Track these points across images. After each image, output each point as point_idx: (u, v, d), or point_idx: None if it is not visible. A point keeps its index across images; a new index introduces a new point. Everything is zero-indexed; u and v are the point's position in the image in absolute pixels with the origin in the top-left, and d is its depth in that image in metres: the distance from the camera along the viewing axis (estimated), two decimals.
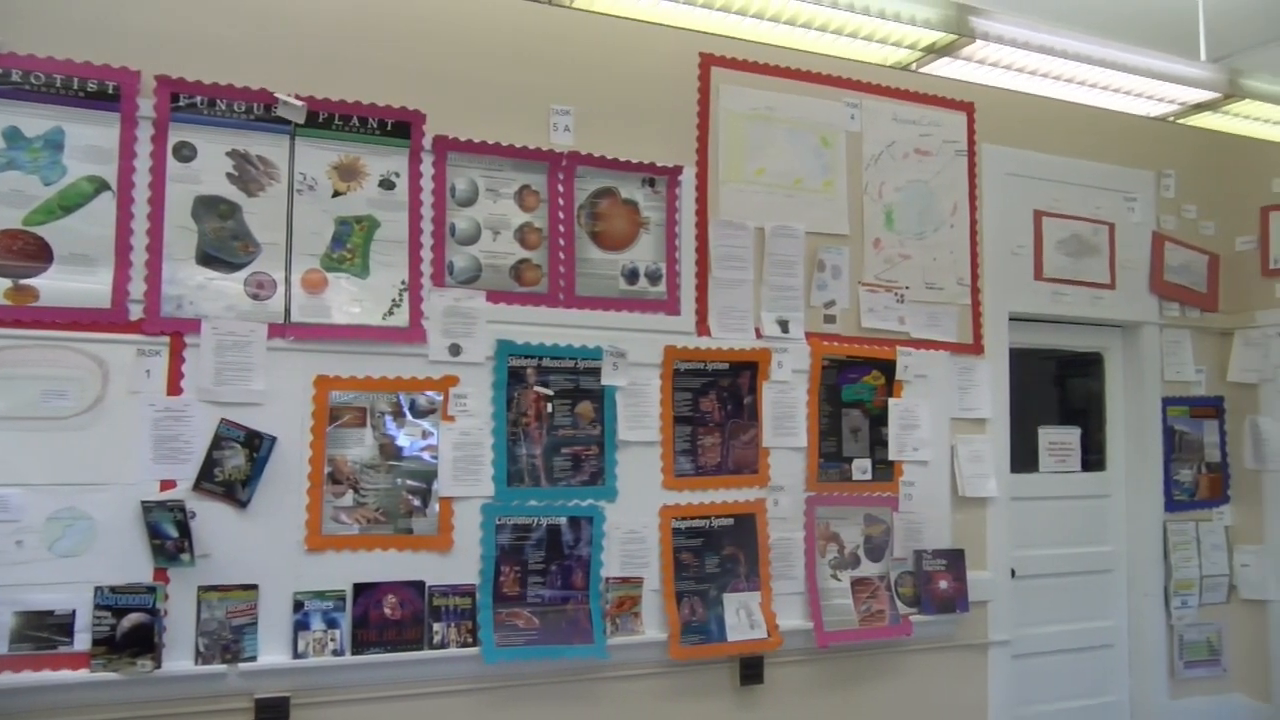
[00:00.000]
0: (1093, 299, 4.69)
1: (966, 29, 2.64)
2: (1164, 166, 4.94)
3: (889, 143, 4.23)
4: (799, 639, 3.87)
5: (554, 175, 3.61)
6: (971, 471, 4.25)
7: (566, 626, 3.47)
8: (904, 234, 4.24)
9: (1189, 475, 4.91)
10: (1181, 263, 4.93)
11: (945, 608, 4.10)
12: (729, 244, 3.87)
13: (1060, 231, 4.62)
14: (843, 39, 2.65)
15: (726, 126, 3.92)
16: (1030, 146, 4.57)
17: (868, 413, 4.08)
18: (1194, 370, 4.94)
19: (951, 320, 4.30)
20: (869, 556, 4.05)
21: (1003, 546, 4.37)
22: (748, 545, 3.82)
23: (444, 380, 3.40)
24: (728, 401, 3.83)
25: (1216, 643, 4.91)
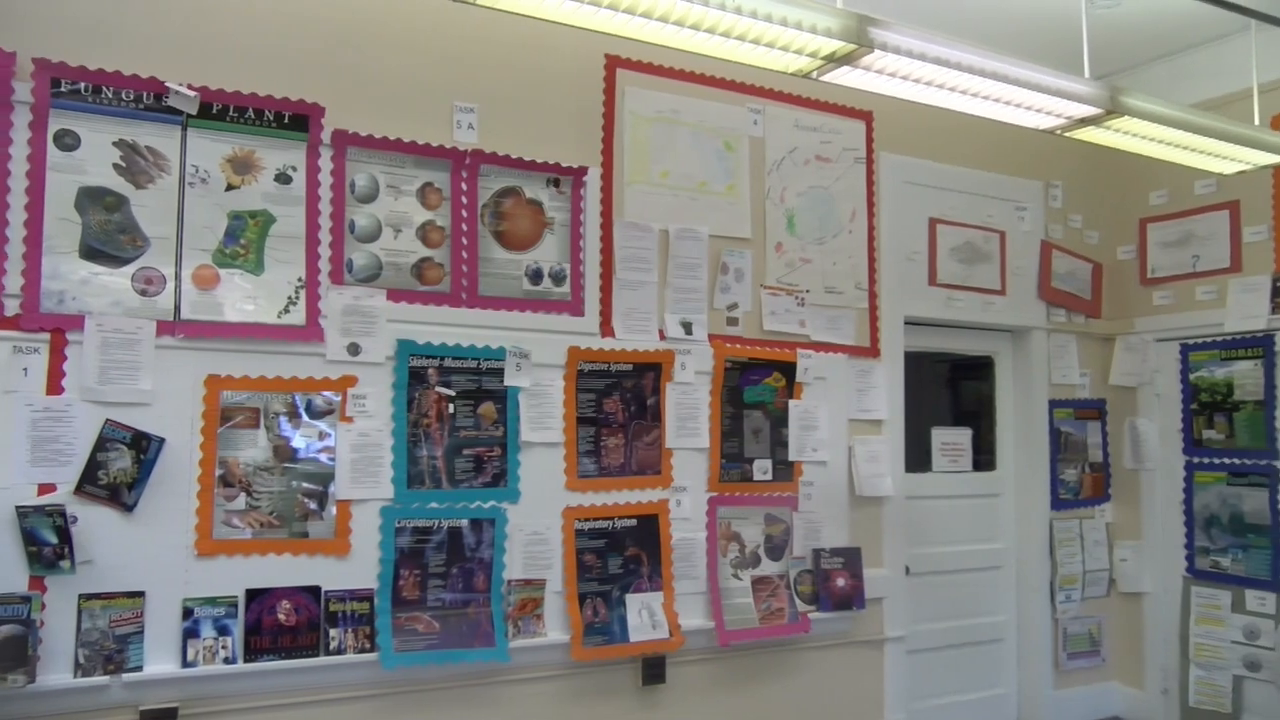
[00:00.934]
0: (984, 304, 4.85)
1: (866, 39, 2.69)
2: (1052, 178, 5.13)
3: (791, 149, 4.30)
4: (701, 638, 3.90)
5: (457, 173, 3.57)
6: (868, 471, 4.35)
7: (467, 630, 3.44)
8: (805, 239, 4.31)
9: (1074, 475, 5.11)
10: (1068, 270, 5.13)
11: (843, 605, 4.19)
12: (633, 245, 3.88)
13: (954, 239, 4.77)
14: (745, 45, 2.67)
15: (632, 128, 3.93)
16: (926, 156, 4.70)
17: (769, 414, 4.14)
18: (1079, 374, 5.15)
19: (850, 324, 4.39)
20: (769, 556, 4.11)
21: (898, 544, 4.49)
22: (650, 546, 3.84)
23: (342, 380, 3.33)
24: (631, 403, 3.84)
25: (1097, 634, 5.13)
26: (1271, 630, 4.51)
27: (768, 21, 2.55)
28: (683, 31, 2.59)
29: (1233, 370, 4.74)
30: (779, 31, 2.60)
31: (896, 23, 2.77)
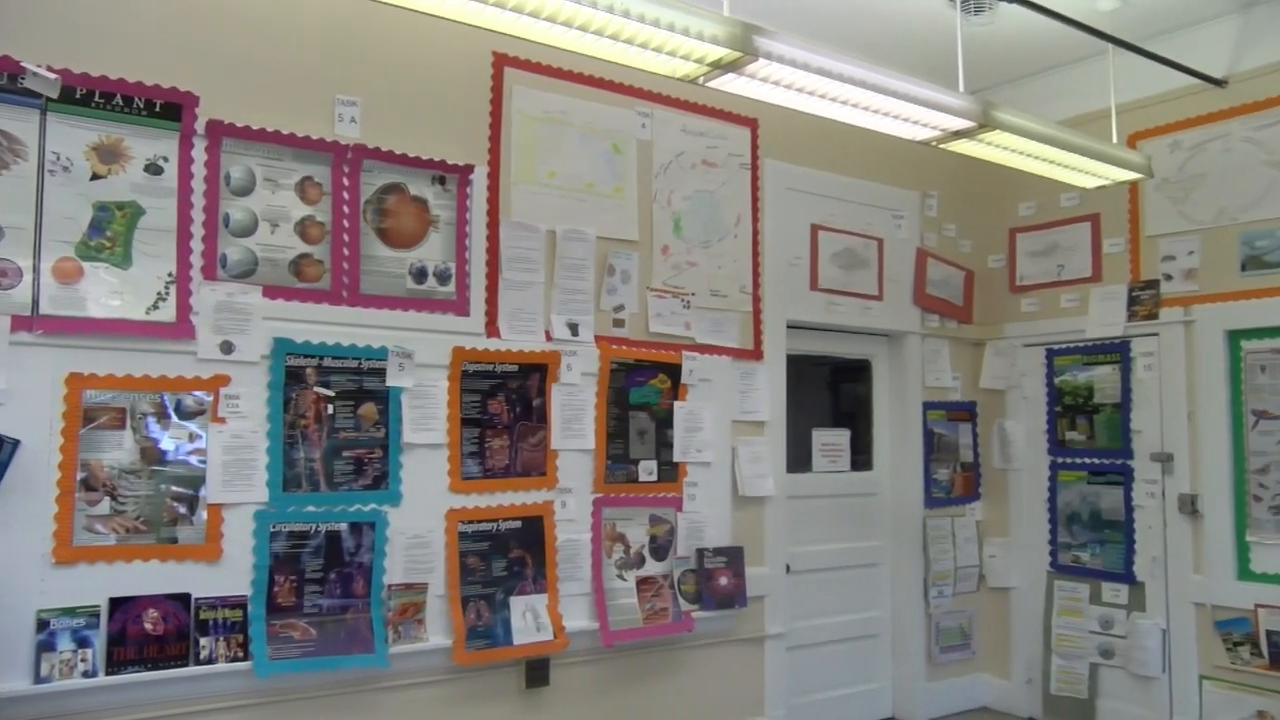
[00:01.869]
0: (863, 309, 4.99)
1: (751, 48, 2.73)
2: (928, 188, 5.32)
3: (678, 153, 4.34)
4: (585, 639, 3.90)
5: (338, 168, 3.48)
6: (751, 472, 4.43)
7: (346, 636, 3.35)
8: (691, 242, 4.36)
9: (946, 474, 5.30)
10: (942, 277, 5.32)
11: (725, 603, 4.25)
12: (520, 245, 3.86)
13: (835, 245, 4.89)
14: (633, 49, 2.68)
15: (519, 128, 3.90)
16: (809, 164, 4.81)
17: (654, 415, 4.17)
18: (951, 377, 5.35)
19: (734, 326, 4.46)
20: (654, 556, 4.14)
21: (779, 543, 4.57)
22: (535, 547, 3.82)
23: (214, 380, 3.21)
24: (517, 404, 3.81)
25: (968, 628, 5.33)
26: (1124, 619, 4.77)
27: (655, 26, 2.57)
28: (570, 32, 2.58)
29: (1093, 374, 4.99)
30: (666, 36, 2.62)
31: (781, 32, 2.83)
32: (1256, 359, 4.37)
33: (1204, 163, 4.58)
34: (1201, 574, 4.48)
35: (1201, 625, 4.48)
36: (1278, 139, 4.33)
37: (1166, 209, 4.71)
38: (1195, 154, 4.62)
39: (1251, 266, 4.39)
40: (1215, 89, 4.52)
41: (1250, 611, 4.29)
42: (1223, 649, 4.38)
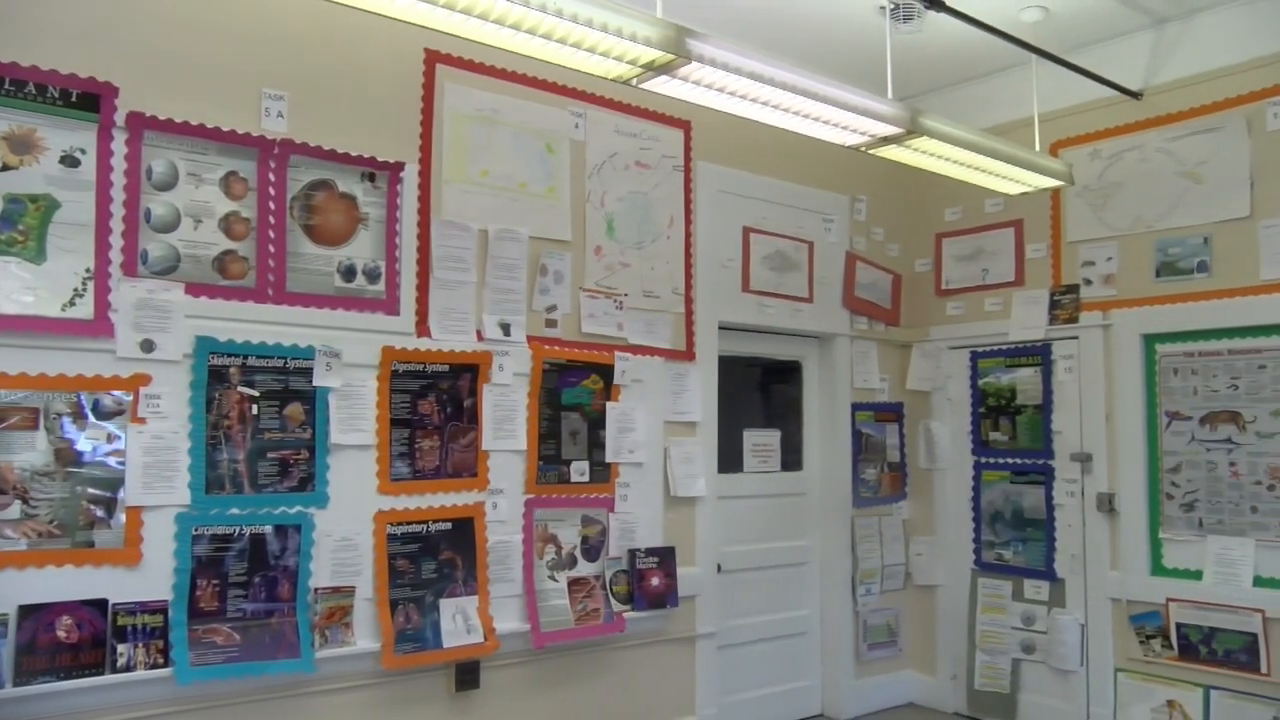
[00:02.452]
0: (793, 311, 5.05)
1: (684, 50, 2.74)
2: (857, 192, 5.40)
3: (611, 154, 4.34)
4: (516, 641, 3.88)
5: (265, 163, 3.41)
6: (683, 472, 4.45)
7: (270, 641, 3.29)
8: (624, 243, 4.37)
9: (874, 474, 5.39)
10: (870, 280, 5.40)
11: (657, 603, 4.26)
12: (451, 244, 3.82)
13: (766, 247, 4.94)
14: (567, 49, 2.68)
15: (451, 125, 3.87)
16: (741, 166, 4.85)
17: (586, 416, 4.16)
18: (879, 379, 5.44)
19: (667, 327, 4.48)
20: (586, 557, 4.13)
21: (710, 543, 4.60)
22: (466, 549, 3.78)
23: (134, 379, 3.12)
24: (447, 404, 3.78)
25: (894, 625, 5.42)
26: (1045, 615, 4.90)
27: (588, 27, 2.56)
28: (503, 31, 2.57)
29: (1016, 376, 5.12)
30: (599, 37, 2.61)
31: (714, 35, 2.84)
32: (1170, 362, 4.52)
33: (1121, 172, 4.73)
34: (1118, 570, 4.62)
35: (1117, 620, 4.62)
36: (1190, 150, 4.49)
37: (1086, 216, 4.85)
38: (1113, 163, 4.76)
39: (1165, 272, 4.54)
40: (1132, 101, 4.66)
41: (1162, 605, 4.43)
42: (1136, 642, 4.53)
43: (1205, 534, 4.36)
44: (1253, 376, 4.26)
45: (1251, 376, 4.26)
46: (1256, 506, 4.22)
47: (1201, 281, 4.42)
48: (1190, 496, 4.42)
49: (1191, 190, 4.47)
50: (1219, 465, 4.34)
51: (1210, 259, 4.40)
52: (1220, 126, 4.40)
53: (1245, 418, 4.28)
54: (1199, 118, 4.47)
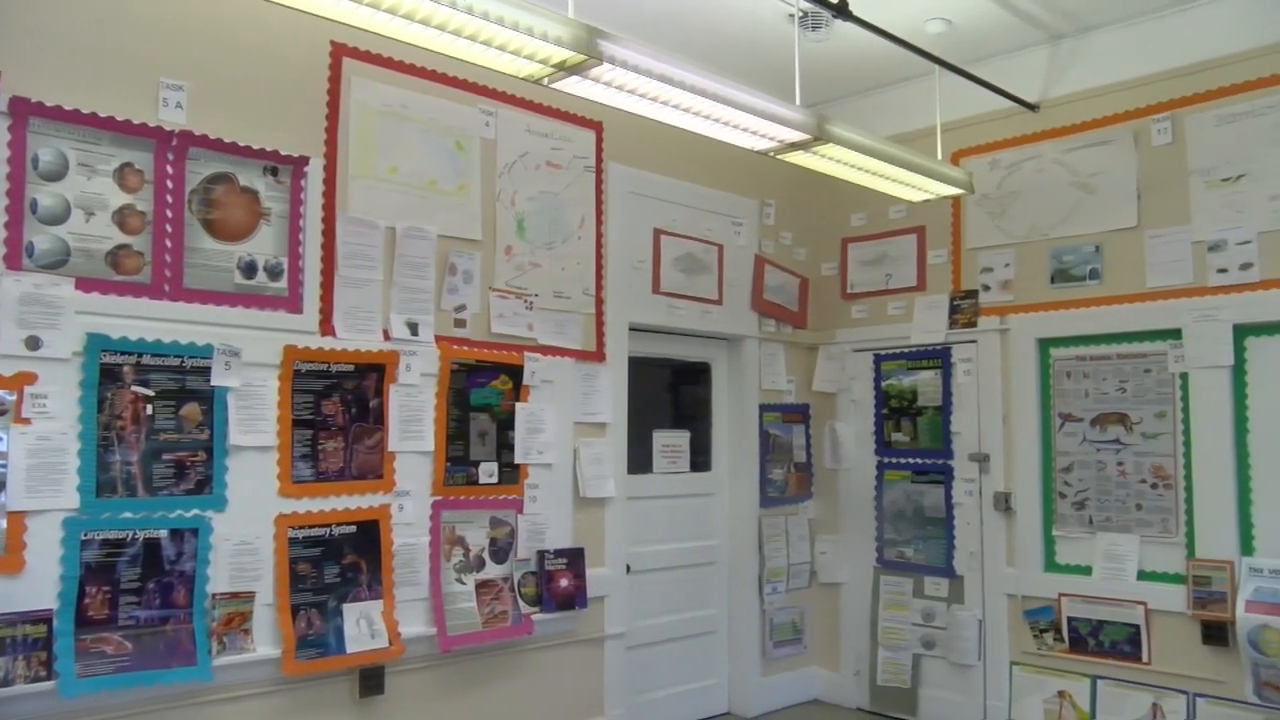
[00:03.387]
0: (703, 313, 5.09)
1: (595, 51, 2.74)
2: (766, 196, 5.47)
3: (522, 153, 4.31)
4: (422, 645, 3.83)
5: (162, 155, 3.30)
6: (592, 473, 4.44)
7: (165, 649, 3.18)
8: (535, 243, 4.34)
9: (780, 474, 5.46)
10: (778, 283, 5.48)
11: (565, 605, 4.25)
12: (357, 242, 3.75)
13: (676, 249, 4.97)
14: (477, 46, 2.65)
15: (358, 120, 3.79)
16: (652, 169, 4.87)
17: (495, 417, 4.13)
18: (786, 380, 5.52)
19: (577, 328, 4.47)
20: (494, 559, 4.10)
21: (620, 544, 4.61)
22: (370, 553, 3.72)
23: (17, 378, 2.98)
24: (352, 405, 3.70)
25: (800, 623, 5.51)
26: (944, 611, 5.03)
27: (499, 25, 2.54)
28: (411, 26, 2.53)
29: (917, 379, 5.25)
30: (510, 35, 2.60)
31: (626, 37, 2.85)
32: (1063, 365, 4.69)
33: (1019, 181, 4.89)
34: (1013, 567, 4.78)
35: (1013, 615, 4.77)
36: (1083, 162, 4.67)
37: (985, 223, 5.01)
38: (1011, 172, 4.93)
39: (1059, 279, 4.72)
40: (1029, 113, 4.83)
41: (1054, 600, 4.60)
42: (1030, 636, 4.69)
43: (1095, 531, 4.54)
44: (1139, 380, 4.45)
45: (1138, 380, 4.45)
46: (1141, 504, 4.41)
47: (1093, 288, 4.60)
48: (1081, 495, 4.60)
49: (1084, 200, 4.65)
50: (1108, 465, 4.52)
51: (1101, 267, 4.58)
52: (1111, 140, 4.58)
53: (1132, 419, 4.46)
54: (1091, 131, 4.65)
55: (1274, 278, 4.07)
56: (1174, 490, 4.32)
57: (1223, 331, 4.16)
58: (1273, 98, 4.12)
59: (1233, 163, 4.21)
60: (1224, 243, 4.21)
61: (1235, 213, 4.19)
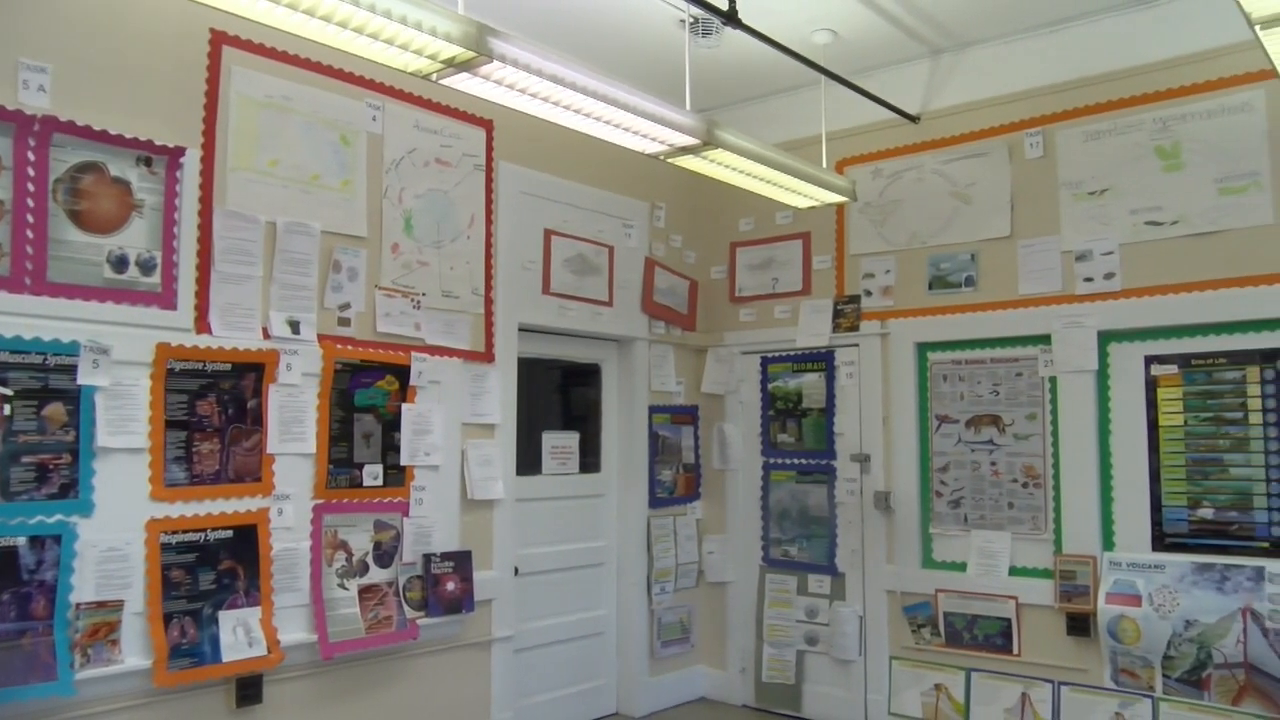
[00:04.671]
0: (593, 314, 5.09)
1: (485, 48, 2.71)
2: (657, 199, 5.51)
3: (410, 149, 4.24)
4: (303, 652, 3.72)
5: (23, 140, 3.12)
6: (480, 475, 4.40)
7: (22, 664, 3.00)
8: (422, 241, 4.27)
9: (669, 475, 5.50)
10: (668, 286, 5.52)
11: (452, 609, 4.19)
12: (236, 236, 3.62)
13: (567, 250, 4.96)
14: (363, 39, 2.59)
15: (238, 111, 3.67)
16: (544, 169, 4.85)
17: (380, 418, 4.04)
18: (675, 382, 5.57)
19: (466, 328, 4.42)
20: (378, 563, 4.01)
21: (508, 546, 4.57)
22: (248, 558, 3.59)
23: None
24: (229, 405, 3.58)
25: (687, 622, 5.56)
26: (827, 608, 5.15)
27: (386, 18, 2.50)
28: (295, 16, 2.46)
29: (802, 381, 5.36)
30: (397, 29, 2.55)
31: (517, 36, 2.83)
32: (940, 369, 4.86)
33: (900, 190, 5.05)
34: (893, 564, 4.92)
35: (892, 610, 4.92)
36: (960, 173, 4.85)
37: (868, 230, 5.15)
38: (893, 182, 5.08)
39: (937, 286, 4.88)
40: (911, 124, 4.98)
41: (931, 596, 4.76)
42: (909, 631, 4.84)
43: (970, 529, 4.72)
44: (1011, 383, 4.64)
45: (1010, 383, 4.64)
46: (1013, 503, 4.60)
47: (968, 295, 4.78)
48: (957, 494, 4.77)
49: (961, 210, 4.83)
50: (982, 465, 4.71)
51: (976, 274, 4.76)
52: (986, 152, 4.77)
53: (1005, 421, 4.65)
54: (968, 143, 4.83)
55: (1134, 287, 4.30)
56: (1043, 489, 4.52)
57: (1088, 338, 4.38)
58: (1133, 117, 4.35)
59: (1098, 177, 4.43)
60: (1090, 253, 4.43)
61: (1100, 225, 4.41)
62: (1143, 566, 4.17)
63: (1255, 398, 4.03)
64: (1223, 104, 4.14)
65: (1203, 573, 4.03)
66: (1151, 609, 4.08)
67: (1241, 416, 4.06)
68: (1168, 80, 4.27)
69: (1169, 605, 4.05)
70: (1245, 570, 3.94)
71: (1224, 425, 4.10)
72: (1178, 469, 4.20)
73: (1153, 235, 4.27)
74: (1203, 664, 3.97)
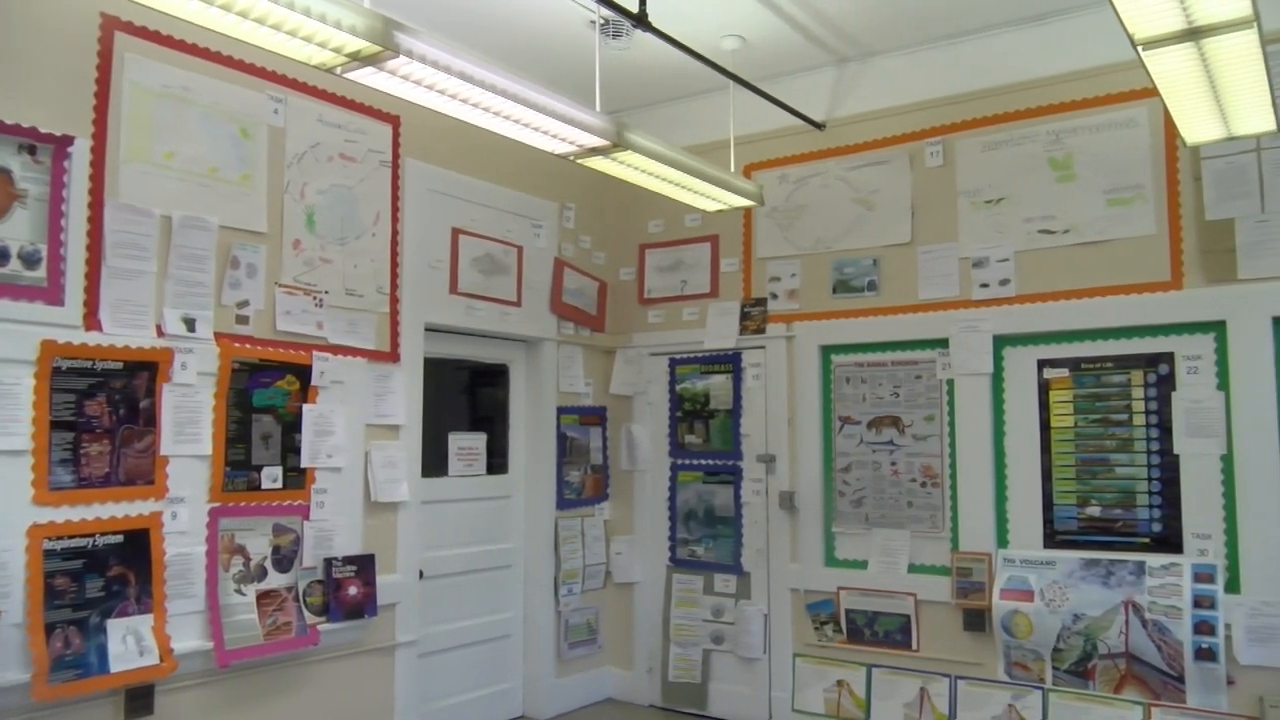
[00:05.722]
0: (501, 314, 5.05)
1: (391, 43, 2.66)
2: (567, 200, 5.50)
3: (314, 143, 4.15)
4: (197, 661, 3.61)
5: None
6: (384, 477, 4.32)
7: None
8: (326, 238, 4.18)
9: (577, 476, 5.50)
10: (577, 287, 5.51)
11: (354, 614, 4.11)
12: (128, 230, 3.49)
13: (475, 250, 4.91)
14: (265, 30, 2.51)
15: (132, 101, 3.53)
16: (452, 167, 4.79)
17: (280, 419, 3.94)
18: (584, 383, 5.56)
19: (370, 328, 4.34)
20: (277, 568, 3.91)
21: (413, 549, 4.50)
22: (140, 564, 3.46)
23: None
24: (120, 405, 3.44)
25: (595, 623, 5.56)
26: (733, 607, 5.21)
27: (289, 9, 2.43)
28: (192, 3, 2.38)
29: (710, 383, 5.41)
30: (301, 21, 2.49)
31: (425, 31, 2.79)
32: (843, 371, 4.96)
33: (806, 196, 5.13)
34: (797, 562, 5.00)
35: (796, 609, 5.00)
36: (863, 180, 4.95)
37: (774, 234, 5.22)
38: (799, 187, 5.16)
39: (840, 290, 4.98)
40: (817, 131, 5.08)
41: (834, 594, 4.85)
42: (812, 628, 4.92)
43: (871, 528, 4.82)
44: (911, 385, 4.76)
45: (910, 385, 4.76)
46: (912, 502, 4.72)
47: (871, 299, 4.89)
48: (859, 494, 4.87)
49: (864, 216, 4.94)
50: (882, 465, 4.82)
51: (879, 279, 4.87)
52: (889, 160, 4.88)
53: (905, 422, 4.77)
54: (872, 151, 4.94)
55: (1028, 293, 4.45)
56: (941, 488, 4.65)
57: (984, 342, 4.52)
58: (1029, 129, 4.51)
59: (995, 186, 4.58)
60: (986, 259, 4.57)
61: (997, 232, 4.56)
62: (1035, 563, 4.32)
63: (1139, 400, 4.22)
64: (1111, 119, 4.32)
65: (1090, 568, 4.20)
66: (1043, 604, 4.23)
67: (1126, 418, 4.24)
68: (1061, 95, 4.44)
69: (1059, 600, 4.20)
70: (1128, 565, 4.12)
71: (1111, 426, 4.28)
72: (1068, 469, 4.37)
73: (1046, 243, 4.44)
74: (1089, 655, 4.14)
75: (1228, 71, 2.91)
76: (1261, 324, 3.93)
